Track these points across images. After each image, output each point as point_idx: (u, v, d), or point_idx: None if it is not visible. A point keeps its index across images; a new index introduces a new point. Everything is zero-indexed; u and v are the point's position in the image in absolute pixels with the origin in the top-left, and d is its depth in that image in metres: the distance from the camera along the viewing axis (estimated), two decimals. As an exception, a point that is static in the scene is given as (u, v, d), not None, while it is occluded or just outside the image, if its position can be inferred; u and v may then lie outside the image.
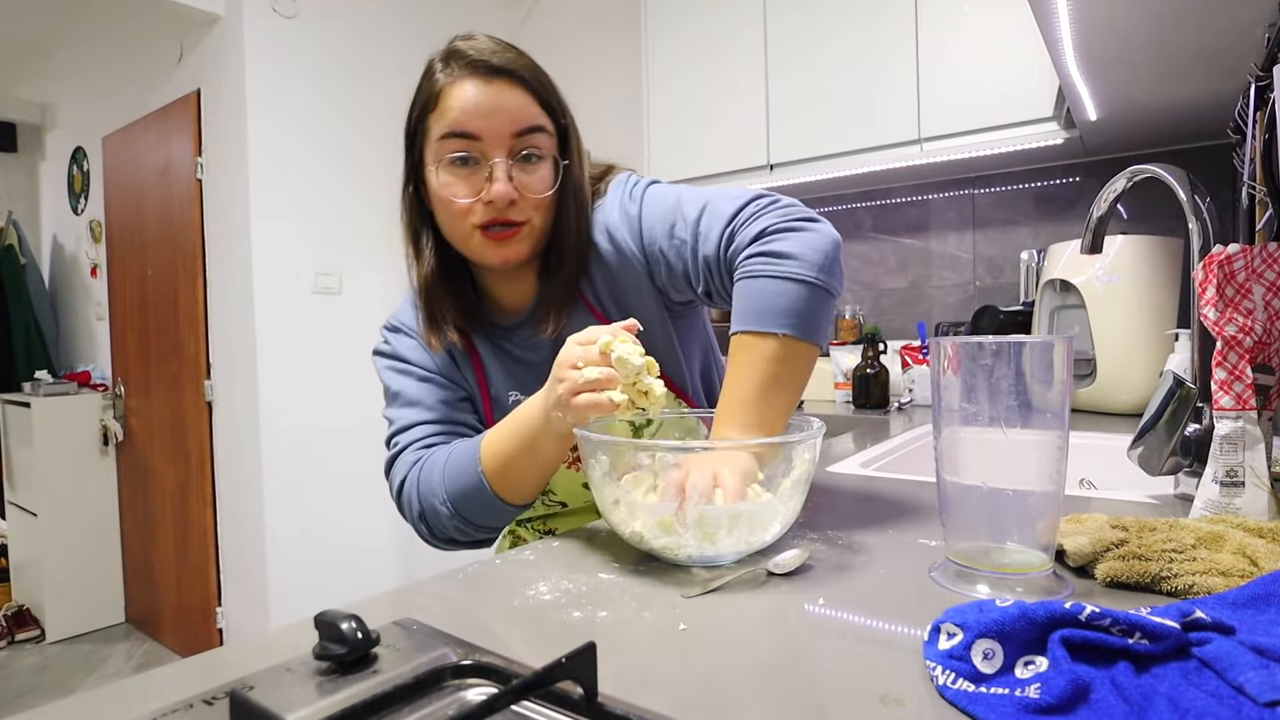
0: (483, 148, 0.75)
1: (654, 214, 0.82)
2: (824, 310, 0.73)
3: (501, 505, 0.75)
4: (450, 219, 0.79)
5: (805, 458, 0.63)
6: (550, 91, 0.80)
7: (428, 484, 0.78)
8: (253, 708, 0.35)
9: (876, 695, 0.39)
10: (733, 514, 0.59)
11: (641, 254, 0.82)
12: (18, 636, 2.94)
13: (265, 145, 2.42)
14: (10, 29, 3.59)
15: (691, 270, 0.80)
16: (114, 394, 3.12)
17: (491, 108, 0.75)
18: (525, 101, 0.77)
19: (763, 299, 0.71)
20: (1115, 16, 1.12)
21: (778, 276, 0.71)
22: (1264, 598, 0.44)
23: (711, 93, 2.32)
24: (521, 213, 0.77)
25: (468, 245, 0.79)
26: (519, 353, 0.87)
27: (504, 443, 0.73)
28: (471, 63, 0.75)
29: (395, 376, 0.86)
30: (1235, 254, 0.66)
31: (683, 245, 0.80)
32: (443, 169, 0.77)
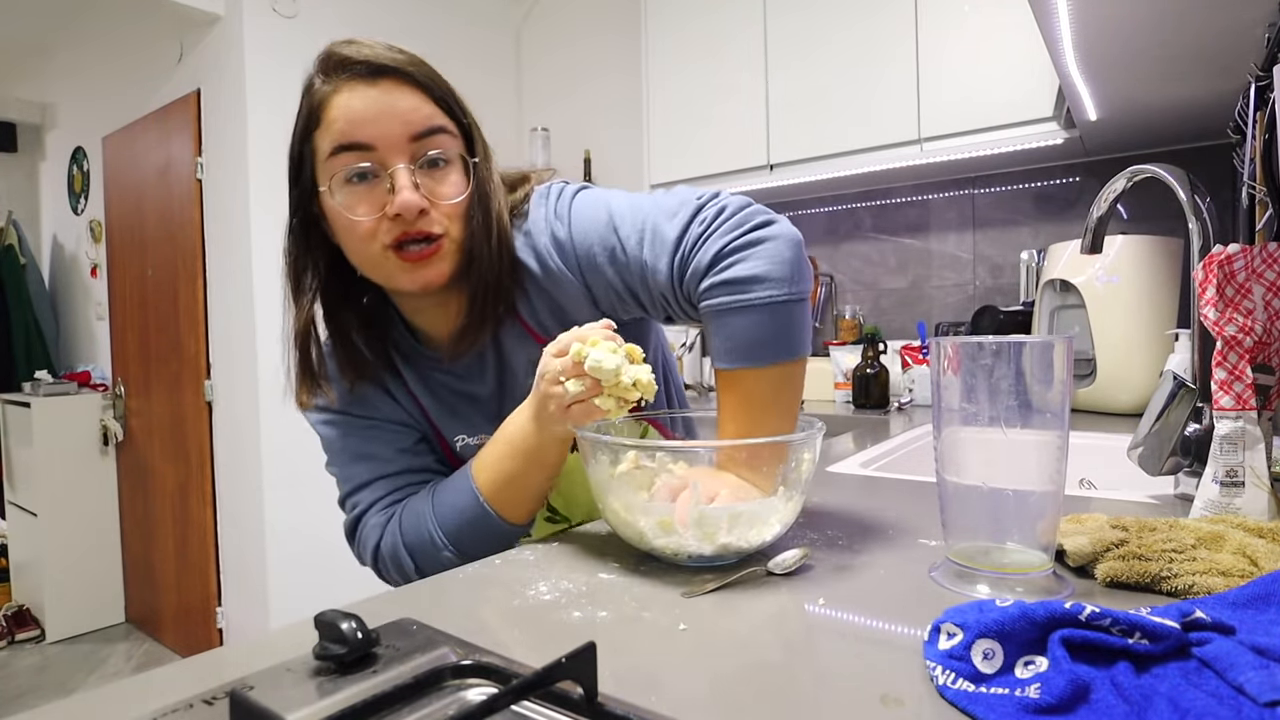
0: (379, 157, 0.67)
1: (587, 237, 0.74)
2: (802, 321, 0.70)
3: (506, 528, 0.72)
4: (356, 243, 0.70)
5: (805, 457, 0.63)
6: (445, 89, 0.72)
7: (416, 536, 0.72)
8: (253, 708, 0.35)
9: (876, 695, 0.39)
10: (732, 514, 0.59)
11: (580, 279, 0.75)
12: (18, 636, 2.94)
13: (265, 145, 2.42)
14: (10, 29, 3.59)
15: (646, 301, 0.74)
16: (114, 394, 3.12)
17: (381, 111, 0.67)
18: (418, 101, 0.69)
19: (740, 334, 0.67)
20: (1115, 16, 1.12)
21: (748, 306, 0.67)
22: (1264, 598, 0.44)
23: (711, 92, 2.32)
24: (436, 224, 0.69)
25: (381, 271, 0.71)
26: (461, 387, 0.80)
27: (501, 462, 0.70)
28: (350, 65, 0.67)
29: (333, 430, 0.79)
30: (1235, 254, 0.66)
31: (629, 275, 0.73)
32: (337, 188, 0.68)
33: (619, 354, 0.62)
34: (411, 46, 0.74)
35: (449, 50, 2.91)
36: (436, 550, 0.72)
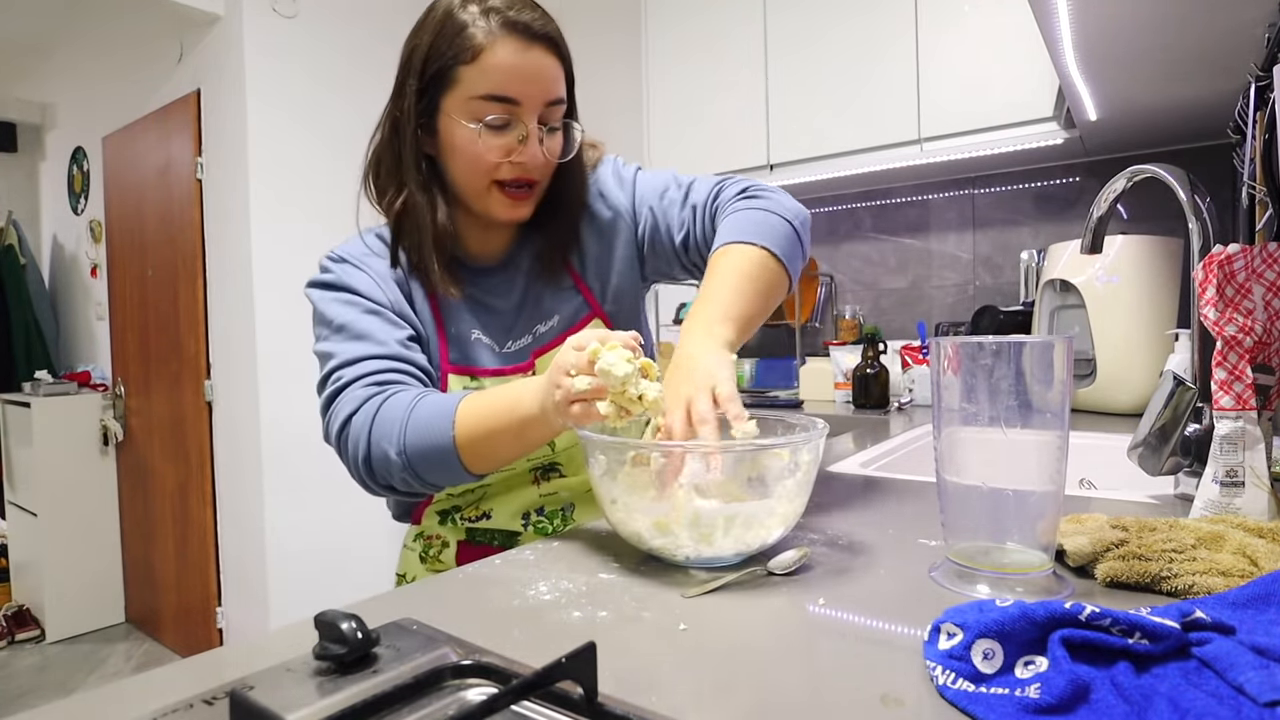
0: (520, 112, 0.76)
1: (647, 181, 0.90)
2: (797, 251, 0.80)
3: (463, 473, 0.73)
4: (471, 171, 0.79)
5: (807, 459, 0.63)
6: (570, 61, 0.82)
7: (383, 428, 0.73)
8: (253, 708, 0.35)
9: (876, 695, 0.39)
10: (728, 515, 0.59)
11: (631, 213, 0.90)
12: (18, 636, 2.94)
13: (265, 145, 2.42)
14: (10, 29, 3.59)
15: (675, 221, 0.86)
16: (114, 394, 3.12)
17: (533, 74, 0.75)
18: (558, 72, 0.78)
19: (748, 222, 0.78)
20: (1115, 17, 1.12)
21: (761, 209, 0.79)
22: (1264, 598, 0.44)
23: (711, 93, 2.32)
24: (540, 174, 0.81)
25: (481, 198, 0.80)
26: (484, 297, 0.87)
27: (489, 415, 0.70)
28: (513, 23, 0.74)
29: (340, 307, 0.81)
30: (1235, 254, 0.66)
31: (671, 203, 0.87)
32: (473, 123, 0.76)
33: (632, 364, 0.62)
34: None
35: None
36: (391, 450, 0.72)
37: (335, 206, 2.61)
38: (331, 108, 2.58)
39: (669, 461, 0.61)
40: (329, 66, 2.57)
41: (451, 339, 0.85)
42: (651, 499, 0.61)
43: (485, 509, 0.89)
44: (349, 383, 0.76)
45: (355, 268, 0.84)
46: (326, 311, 0.81)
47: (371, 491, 0.79)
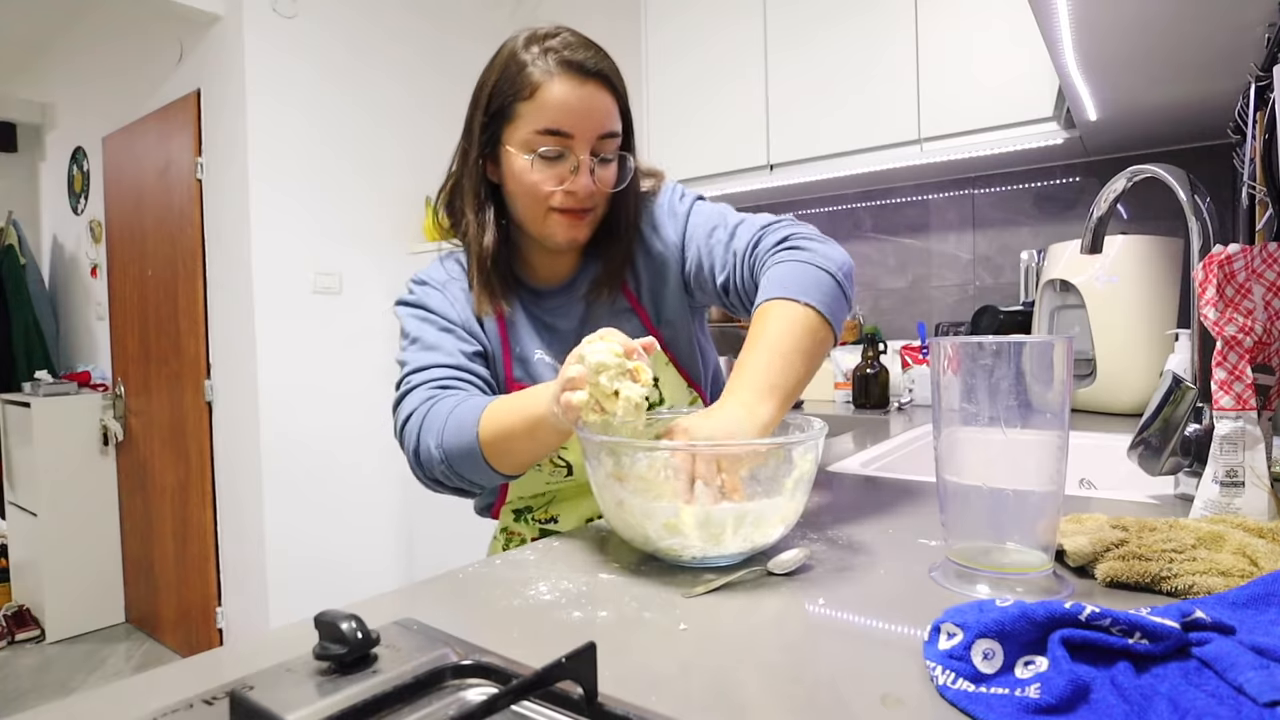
0: (573, 145, 0.82)
1: (699, 219, 0.92)
2: (842, 305, 0.78)
3: (490, 471, 0.78)
4: (530, 201, 0.84)
5: (808, 458, 0.63)
6: (626, 96, 0.87)
7: (430, 426, 0.80)
8: (253, 708, 0.35)
9: (876, 695, 0.39)
10: (738, 514, 0.59)
11: (680, 248, 0.93)
12: (18, 636, 2.94)
13: (265, 145, 2.42)
14: (10, 29, 3.59)
15: (719, 263, 0.88)
16: (114, 394, 3.12)
17: (586, 110, 0.81)
18: (611, 107, 0.84)
19: (793, 277, 0.77)
20: (1115, 16, 1.12)
21: (806, 263, 0.78)
22: (1264, 598, 0.44)
23: (710, 93, 2.32)
24: (593, 202, 0.86)
25: (540, 224, 0.86)
26: (549, 318, 0.94)
27: (506, 416, 0.75)
28: (568, 62, 0.80)
29: (417, 323, 0.90)
30: (1235, 254, 0.66)
31: (717, 243, 0.89)
32: (529, 155, 0.82)
33: (617, 358, 0.62)
34: (409, 45, 0.77)
35: (446, 49, 2.92)
36: (433, 446, 0.79)
37: (335, 206, 2.61)
38: (332, 107, 2.58)
39: (684, 464, 0.60)
40: (329, 66, 2.57)
41: (516, 358, 0.92)
42: (659, 500, 0.60)
43: (554, 513, 0.95)
44: (415, 386, 0.85)
45: (434, 289, 0.92)
46: (406, 326, 0.91)
47: (428, 486, 0.85)
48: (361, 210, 2.67)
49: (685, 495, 0.59)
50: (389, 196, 2.74)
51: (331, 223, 2.59)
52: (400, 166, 2.78)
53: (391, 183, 2.75)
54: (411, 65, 2.80)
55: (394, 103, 2.75)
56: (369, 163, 2.69)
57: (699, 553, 0.60)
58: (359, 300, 2.65)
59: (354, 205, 2.65)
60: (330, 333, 2.58)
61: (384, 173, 2.73)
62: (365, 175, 2.68)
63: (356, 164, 2.65)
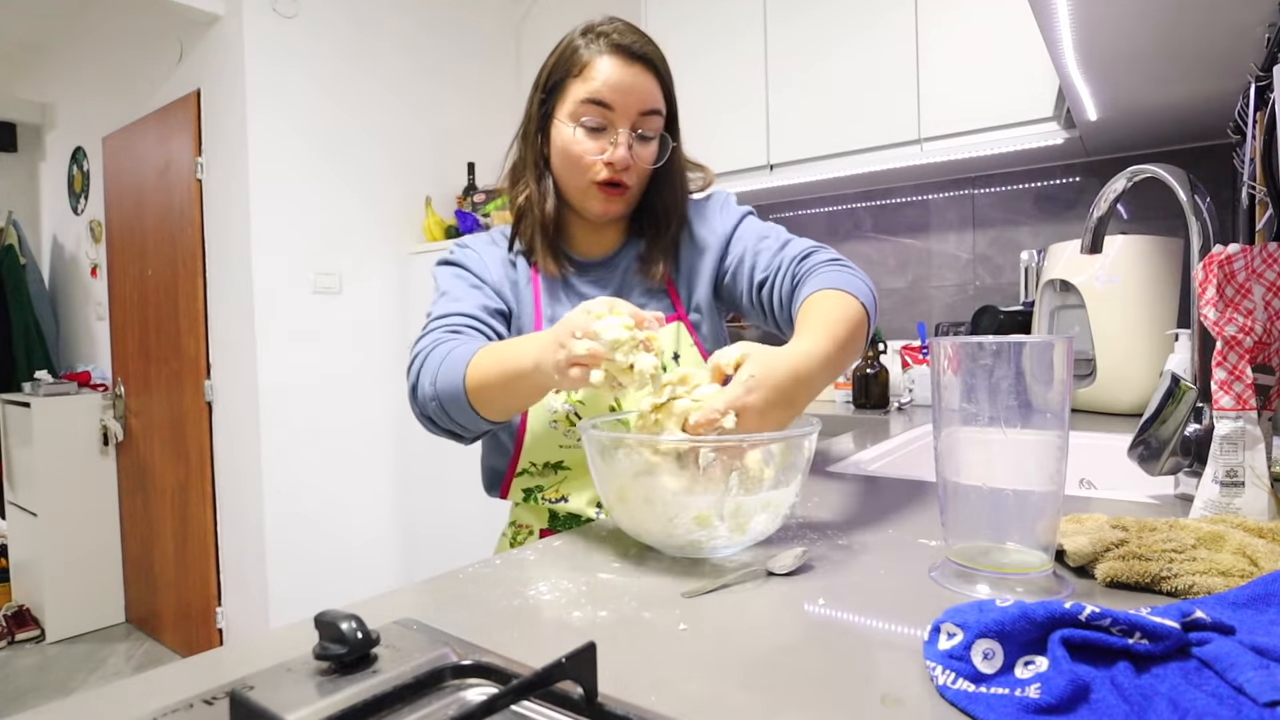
0: (613, 117, 0.88)
1: (753, 225, 0.99)
2: (873, 319, 0.84)
3: (477, 417, 0.80)
4: (571, 168, 0.90)
5: (811, 448, 0.65)
6: (670, 82, 0.93)
7: (429, 365, 0.84)
8: (253, 708, 0.35)
9: (876, 695, 0.39)
10: (763, 502, 0.61)
11: (725, 241, 0.98)
12: (18, 636, 2.94)
13: (265, 145, 2.42)
14: (10, 29, 3.59)
15: (762, 264, 0.93)
16: (114, 394, 3.12)
17: (629, 86, 0.87)
18: (653, 87, 0.90)
19: (844, 279, 0.83)
20: (1115, 16, 1.12)
21: (853, 275, 0.86)
22: (1264, 598, 0.44)
23: (711, 92, 2.32)
24: (630, 177, 0.90)
25: (582, 193, 0.92)
26: (583, 288, 0.99)
27: (489, 366, 0.77)
28: (616, 45, 0.87)
29: (450, 280, 0.96)
30: (1235, 254, 0.66)
31: (765, 248, 0.94)
32: (578, 127, 0.88)
33: (629, 332, 0.62)
34: (412, 45, 0.78)
35: (449, 49, 2.92)
36: (427, 382, 0.83)
37: (335, 206, 2.61)
38: (331, 107, 2.58)
39: (719, 457, 0.61)
40: (329, 66, 2.57)
41: (546, 319, 0.96)
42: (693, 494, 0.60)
43: (564, 492, 0.96)
44: (431, 330, 0.89)
45: (473, 250, 0.99)
46: (440, 281, 0.97)
47: (423, 424, 0.88)
48: (361, 210, 2.67)
49: (721, 487, 0.60)
50: (389, 196, 2.74)
51: (331, 223, 2.59)
52: (400, 166, 2.78)
53: (392, 183, 2.75)
54: (412, 65, 2.80)
55: (394, 102, 2.75)
56: (369, 163, 2.69)
57: (724, 543, 0.61)
58: (359, 300, 2.65)
59: (354, 205, 2.65)
60: (330, 333, 2.58)
61: (384, 173, 2.73)
62: (365, 175, 2.68)
63: (357, 164, 2.65)
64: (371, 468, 2.67)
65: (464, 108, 2.97)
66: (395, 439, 2.71)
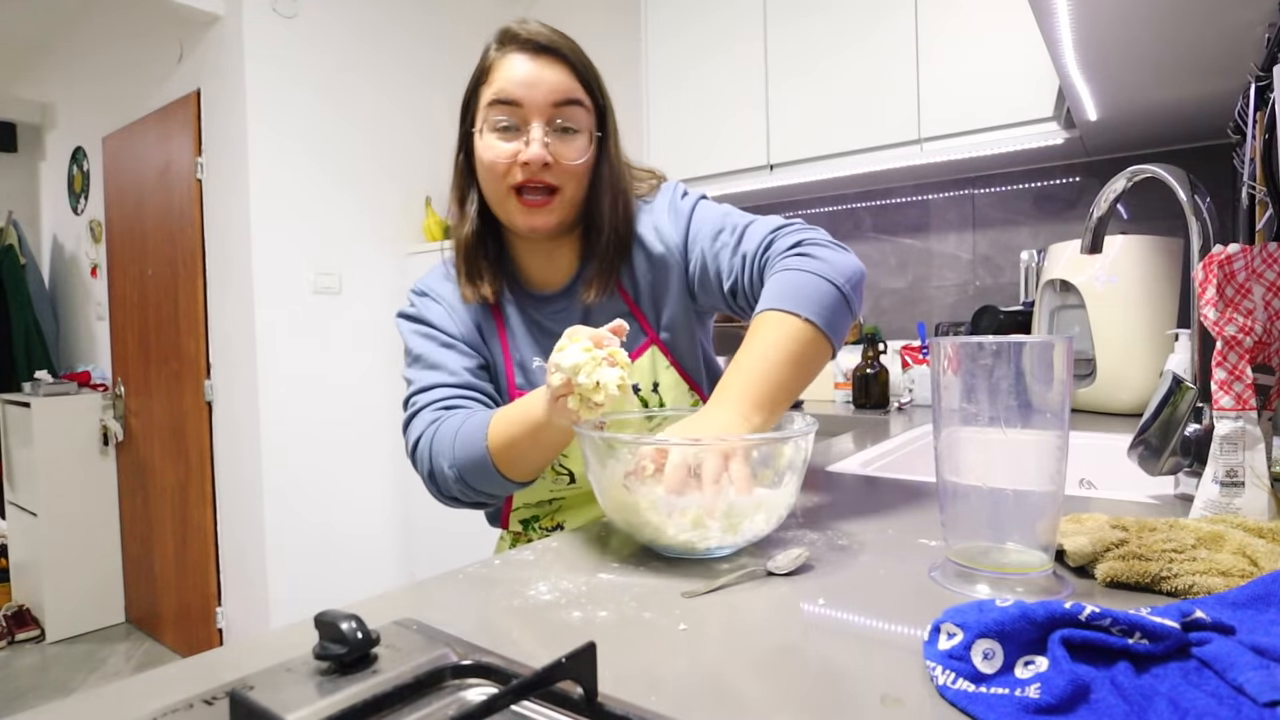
0: (523, 114, 0.81)
1: (702, 217, 0.90)
2: (844, 318, 0.77)
3: (503, 480, 0.79)
4: (490, 179, 0.84)
5: (805, 449, 0.65)
6: (591, 72, 0.86)
7: (440, 446, 0.81)
8: (253, 708, 0.35)
9: (876, 695, 0.39)
10: (756, 503, 0.61)
11: (683, 251, 0.90)
12: (18, 636, 2.94)
13: (265, 145, 2.42)
14: (10, 29, 3.59)
15: (725, 267, 0.86)
16: (114, 394, 3.12)
17: (534, 79, 0.81)
18: (566, 77, 0.83)
19: (794, 287, 0.76)
20: (1115, 16, 1.12)
21: (810, 272, 0.77)
22: (1264, 598, 0.44)
23: (711, 92, 2.32)
24: (555, 178, 0.82)
25: (504, 207, 0.85)
26: (548, 324, 0.93)
27: (511, 425, 0.76)
28: (521, 41, 0.82)
29: (419, 340, 0.90)
30: (1235, 254, 0.66)
31: (723, 247, 0.87)
32: (487, 132, 0.83)
33: (588, 353, 0.62)
34: (410, 48, 0.78)
35: (449, 48, 2.92)
36: (445, 464, 0.80)
37: (335, 206, 2.61)
38: (331, 107, 2.58)
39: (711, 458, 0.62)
40: (329, 66, 2.57)
41: (516, 364, 0.92)
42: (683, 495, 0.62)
43: (559, 520, 0.96)
44: (422, 408, 0.85)
45: (433, 300, 0.92)
46: (409, 343, 0.91)
47: (444, 503, 0.86)
48: (361, 210, 2.67)
49: (711, 489, 0.60)
50: (389, 196, 2.74)
51: (331, 222, 2.59)
52: (400, 166, 2.78)
53: (391, 183, 2.75)
54: (411, 65, 2.80)
55: (394, 102, 2.75)
56: (369, 162, 2.69)
57: (716, 543, 0.62)
58: (359, 300, 2.65)
59: (354, 205, 2.65)
60: (330, 332, 2.58)
61: (384, 172, 2.73)
62: (365, 175, 2.68)
63: (356, 164, 2.65)
64: (371, 467, 2.67)
65: (464, 108, 2.97)
66: (395, 438, 2.71)
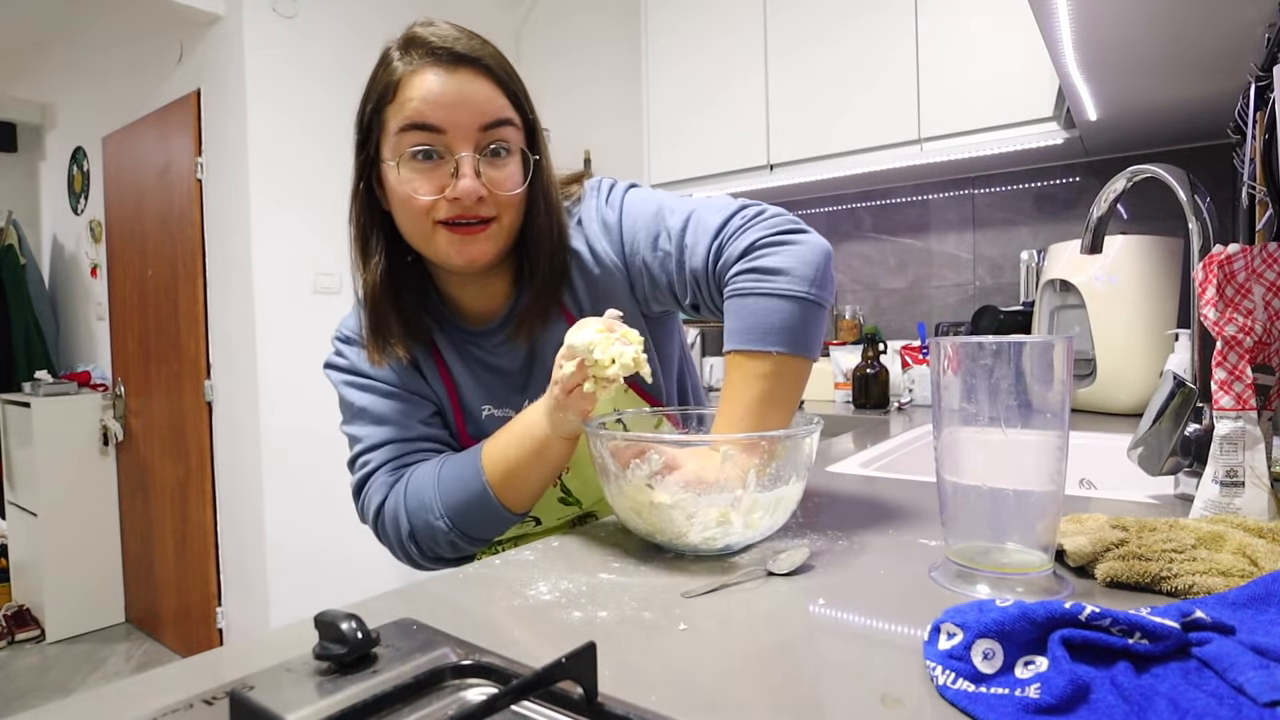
0: (447, 141, 0.70)
1: (635, 223, 0.80)
2: (816, 324, 0.72)
3: (505, 514, 0.75)
4: (410, 217, 0.73)
5: (813, 446, 0.66)
6: (517, 83, 0.75)
7: (418, 501, 0.75)
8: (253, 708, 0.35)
9: (876, 695, 0.39)
10: (774, 499, 0.62)
11: (623, 265, 0.81)
12: (18, 636, 2.94)
13: (265, 145, 2.42)
14: (10, 29, 3.59)
15: (678, 284, 0.78)
16: (114, 394, 3.12)
17: (456, 99, 0.70)
18: (492, 93, 0.72)
19: (754, 317, 0.70)
20: (1115, 16, 1.12)
21: (768, 294, 0.70)
22: (1264, 598, 0.44)
23: (711, 93, 2.32)
24: (489, 209, 0.73)
25: (430, 245, 0.74)
26: (491, 360, 0.84)
27: (509, 450, 0.72)
28: (433, 50, 0.71)
29: (356, 393, 0.82)
30: (1235, 254, 0.66)
31: (667, 258, 0.78)
32: (403, 164, 0.71)
33: (601, 334, 0.63)
34: None
35: (449, 50, 2.91)
36: (432, 518, 0.74)
37: (335, 207, 2.61)
38: (331, 107, 2.58)
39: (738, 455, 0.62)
40: (329, 66, 2.57)
41: (466, 413, 0.85)
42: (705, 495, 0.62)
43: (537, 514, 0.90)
44: (375, 469, 0.79)
45: (361, 348, 0.83)
46: (346, 396, 0.83)
47: (419, 567, 0.80)
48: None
49: (738, 485, 0.61)
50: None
51: (331, 222, 2.59)
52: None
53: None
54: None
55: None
56: (369, 163, 2.68)
57: (737, 539, 0.62)
58: (359, 300, 2.65)
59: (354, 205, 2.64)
60: (330, 332, 2.57)
61: (384, 173, 2.73)
62: (365, 175, 2.67)
63: (356, 164, 2.65)
64: (371, 468, 2.66)
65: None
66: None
